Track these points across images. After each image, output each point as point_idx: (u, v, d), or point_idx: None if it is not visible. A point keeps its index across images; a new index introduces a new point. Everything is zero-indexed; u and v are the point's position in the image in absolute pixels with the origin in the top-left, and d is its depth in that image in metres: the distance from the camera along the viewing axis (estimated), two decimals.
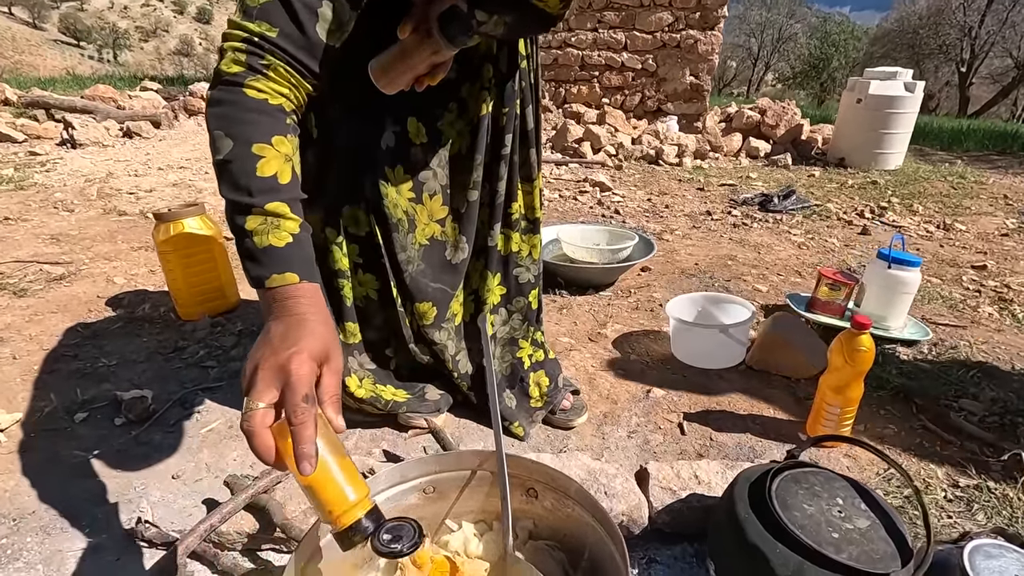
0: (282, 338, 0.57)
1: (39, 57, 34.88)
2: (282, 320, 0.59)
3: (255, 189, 0.63)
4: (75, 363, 1.48)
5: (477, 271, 1.15)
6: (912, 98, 4.37)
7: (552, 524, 0.72)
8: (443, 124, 1.00)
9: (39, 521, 0.97)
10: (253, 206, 0.63)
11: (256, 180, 0.63)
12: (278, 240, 0.63)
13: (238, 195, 0.63)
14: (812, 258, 2.48)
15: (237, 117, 0.65)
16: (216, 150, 0.64)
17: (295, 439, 0.52)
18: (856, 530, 0.74)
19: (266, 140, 0.65)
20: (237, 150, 0.63)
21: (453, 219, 1.08)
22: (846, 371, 1.12)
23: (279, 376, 0.54)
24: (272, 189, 0.64)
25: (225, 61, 0.66)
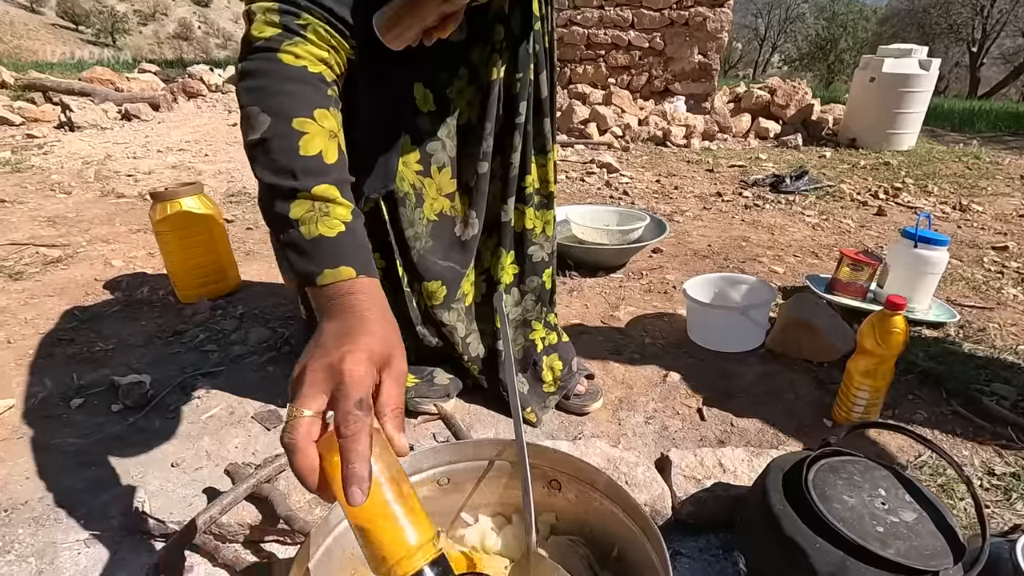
0: (336, 337, 0.48)
1: (38, 42, 34.52)
2: (337, 319, 0.50)
3: (299, 170, 0.54)
4: (71, 347, 1.43)
5: (489, 249, 1.09)
6: (927, 76, 4.25)
7: (576, 517, 0.67)
8: (452, 91, 0.94)
9: (32, 512, 0.92)
10: (298, 190, 0.54)
11: (300, 160, 0.55)
12: (329, 229, 0.53)
13: (280, 178, 0.54)
14: (828, 239, 2.41)
15: (274, 88, 0.56)
16: (251, 128, 0.56)
17: (344, 455, 0.42)
18: (902, 523, 0.69)
19: (308, 114, 0.56)
20: (276, 127, 0.55)
21: (462, 193, 1.02)
22: (877, 354, 1.07)
23: (330, 378, 0.45)
24: (318, 170, 0.55)
25: (256, 25, 0.58)
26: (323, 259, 0.53)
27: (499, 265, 1.08)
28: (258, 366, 1.36)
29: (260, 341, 1.46)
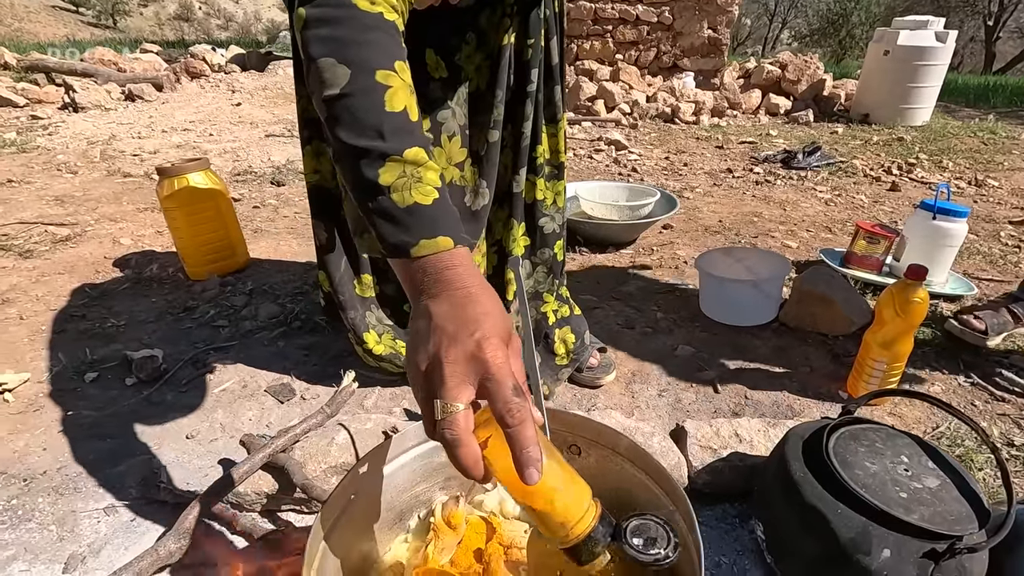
0: (457, 321, 0.45)
1: (38, 24, 34.28)
2: (444, 298, 0.47)
3: (388, 130, 0.49)
4: (83, 323, 1.43)
5: (500, 220, 1.08)
6: (943, 49, 4.15)
7: (598, 483, 0.64)
8: (460, 58, 0.91)
9: (50, 481, 0.93)
10: (388, 153, 0.48)
11: (387, 117, 0.49)
12: (424, 196, 0.49)
13: (366, 140, 0.48)
14: (841, 214, 2.37)
15: (352, 37, 0.50)
16: (325, 83, 0.49)
17: (516, 443, 0.42)
18: (926, 489, 0.68)
19: (390, 65, 0.50)
20: (358, 80, 0.49)
21: (472, 162, 1.00)
22: (897, 324, 1.05)
23: (474, 369, 0.43)
24: (406, 130, 0.50)
25: None
26: (419, 229, 0.48)
27: (511, 237, 1.07)
28: (269, 341, 1.36)
29: (270, 317, 1.45)
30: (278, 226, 2.15)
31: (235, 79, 5.54)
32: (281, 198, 2.48)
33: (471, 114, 0.98)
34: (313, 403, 1.15)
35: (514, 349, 0.48)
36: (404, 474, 0.65)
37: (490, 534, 0.64)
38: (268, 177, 2.77)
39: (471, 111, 0.98)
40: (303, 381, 1.22)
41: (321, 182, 1.02)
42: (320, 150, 1.00)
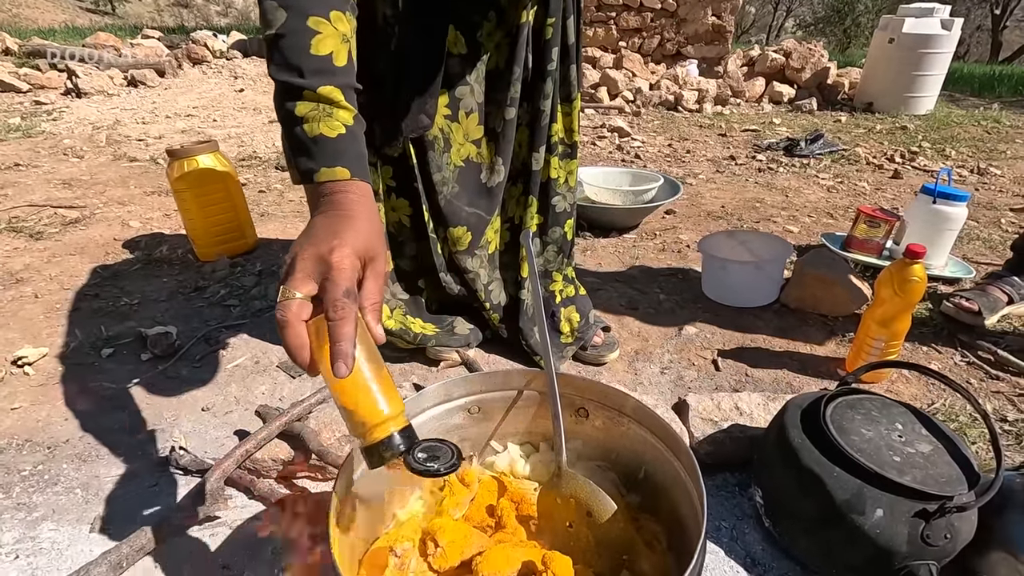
0: (325, 231, 0.51)
1: (36, 10, 34.04)
2: (326, 214, 0.53)
3: (307, 69, 0.56)
4: (97, 302, 1.46)
5: (514, 197, 1.10)
6: (949, 37, 4.13)
7: (603, 444, 0.69)
8: (481, 35, 0.93)
9: (73, 449, 0.96)
10: (304, 88, 0.55)
11: (309, 58, 0.56)
12: (330, 130, 0.55)
13: (288, 75, 0.56)
14: (843, 201, 2.39)
15: None
16: (267, 24, 0.57)
17: (332, 335, 0.47)
18: (919, 454, 0.71)
19: (323, 13, 0.57)
20: (291, 22, 0.56)
21: (489, 140, 1.02)
22: (895, 303, 1.07)
23: (319, 267, 0.49)
24: (325, 71, 0.56)
25: None
26: (322, 158, 0.55)
27: (528, 214, 1.09)
28: None
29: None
30: (284, 210, 2.17)
31: (237, 65, 5.52)
32: (286, 183, 2.50)
33: (488, 91, 1.00)
34: (321, 380, 1.17)
35: (375, 271, 0.53)
36: (420, 433, 0.68)
37: (501, 491, 0.67)
38: (273, 162, 2.79)
39: (488, 88, 1.00)
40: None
41: None
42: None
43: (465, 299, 1.15)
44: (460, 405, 0.70)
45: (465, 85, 0.95)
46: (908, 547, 0.66)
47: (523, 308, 1.14)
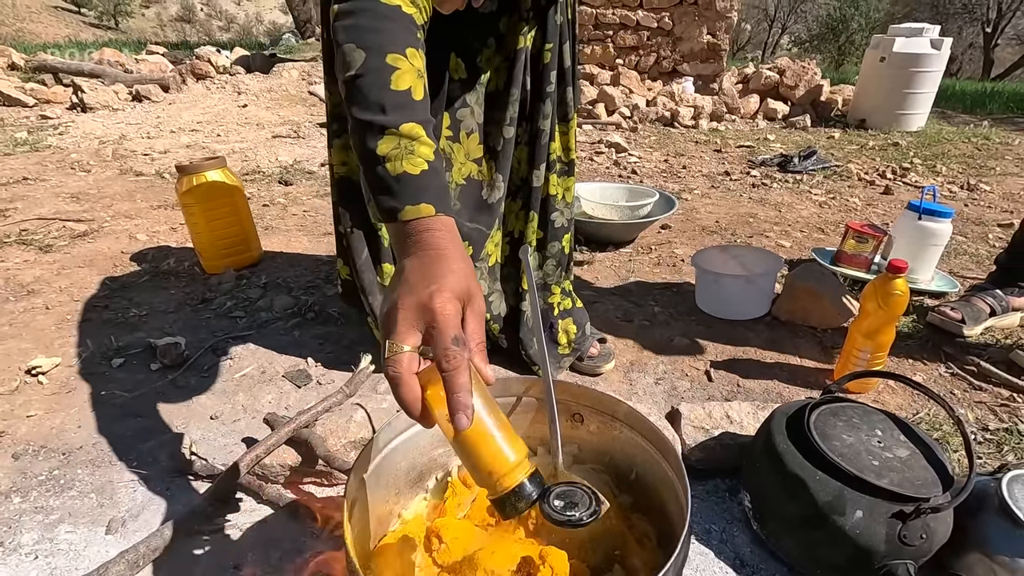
0: (420, 275, 0.51)
1: (40, 24, 34.39)
2: (418, 256, 0.53)
3: (389, 105, 0.56)
4: (106, 313, 1.50)
5: (513, 212, 1.15)
6: (938, 56, 4.23)
7: (597, 448, 0.73)
8: (481, 60, 0.99)
9: (87, 455, 0.99)
10: (387, 127, 0.56)
11: (390, 95, 0.57)
12: (413, 167, 0.55)
13: (370, 114, 0.56)
14: (834, 216, 2.44)
15: (370, 26, 0.59)
16: (347, 66, 0.58)
17: (449, 387, 0.47)
18: (896, 459, 0.75)
19: (400, 51, 0.58)
20: (370, 61, 0.57)
21: (489, 158, 1.07)
22: (879, 316, 1.12)
23: (422, 316, 0.49)
24: (407, 106, 0.57)
25: None
26: (406, 196, 0.55)
27: (529, 228, 1.14)
28: (285, 330, 1.43)
29: (285, 308, 1.52)
30: (288, 223, 2.22)
31: (240, 81, 5.61)
32: (289, 197, 2.55)
33: (488, 112, 1.05)
34: (329, 388, 1.21)
35: (475, 310, 0.53)
36: (426, 437, 0.72)
37: None
38: (276, 176, 2.84)
39: (488, 109, 1.05)
40: (319, 368, 1.28)
41: (348, 173, 1.08)
42: (348, 144, 1.06)
43: None
44: None
45: (466, 107, 1.00)
46: (887, 547, 0.70)
47: (522, 319, 1.19)
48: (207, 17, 42.74)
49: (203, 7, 44.98)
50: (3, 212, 2.19)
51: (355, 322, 1.46)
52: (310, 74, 5.82)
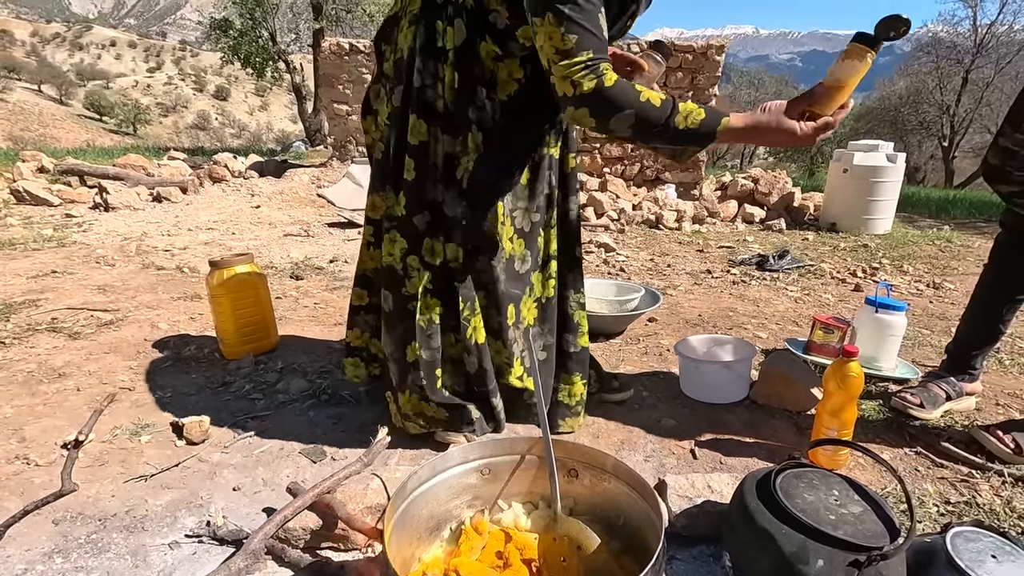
0: (766, 125, 1.02)
1: (62, 130, 36.61)
2: (755, 123, 1.02)
3: (661, 112, 0.99)
4: (133, 395, 1.61)
5: (539, 282, 1.37)
6: (895, 168, 4.67)
7: (591, 500, 0.84)
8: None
9: (121, 522, 1.08)
10: (671, 117, 0.97)
11: (653, 108, 0.99)
12: (699, 114, 1.00)
13: (662, 122, 0.98)
14: (808, 311, 2.63)
15: (633, 94, 0.98)
16: (660, 118, 0.99)
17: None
18: (851, 514, 0.86)
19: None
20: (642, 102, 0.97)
21: (519, 237, 1.29)
22: (840, 396, 1.26)
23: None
24: (664, 104, 0.99)
25: (586, 82, 0.94)
26: (712, 124, 1.01)
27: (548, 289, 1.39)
28: (301, 411, 1.54)
29: (301, 391, 1.64)
30: (300, 314, 2.37)
31: (254, 184, 6.02)
32: (300, 290, 2.73)
33: (518, 202, 1.28)
34: (342, 463, 1.31)
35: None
36: (444, 488, 0.82)
37: (507, 541, 0.80)
38: (288, 272, 3.04)
39: (519, 200, 1.28)
40: (332, 445, 1.38)
41: (392, 263, 1.25)
42: (394, 238, 1.23)
43: (477, 383, 1.33)
44: (475, 467, 0.86)
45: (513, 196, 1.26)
46: None
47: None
48: (220, 125, 45.32)
49: (217, 116, 47.79)
50: (34, 302, 2.34)
51: (366, 404, 1.58)
52: (319, 178, 6.25)
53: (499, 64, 1.11)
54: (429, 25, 1.09)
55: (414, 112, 1.12)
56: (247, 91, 62.74)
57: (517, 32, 1.08)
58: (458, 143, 1.14)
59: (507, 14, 1.06)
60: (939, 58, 15.35)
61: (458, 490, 0.84)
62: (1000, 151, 1.33)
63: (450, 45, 1.08)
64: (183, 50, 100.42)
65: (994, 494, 1.24)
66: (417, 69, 1.10)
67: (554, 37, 0.92)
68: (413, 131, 1.13)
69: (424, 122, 1.12)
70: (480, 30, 1.08)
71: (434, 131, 1.13)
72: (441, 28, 1.08)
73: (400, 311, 1.24)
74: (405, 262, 1.20)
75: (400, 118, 1.15)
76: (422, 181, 1.15)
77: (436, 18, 1.08)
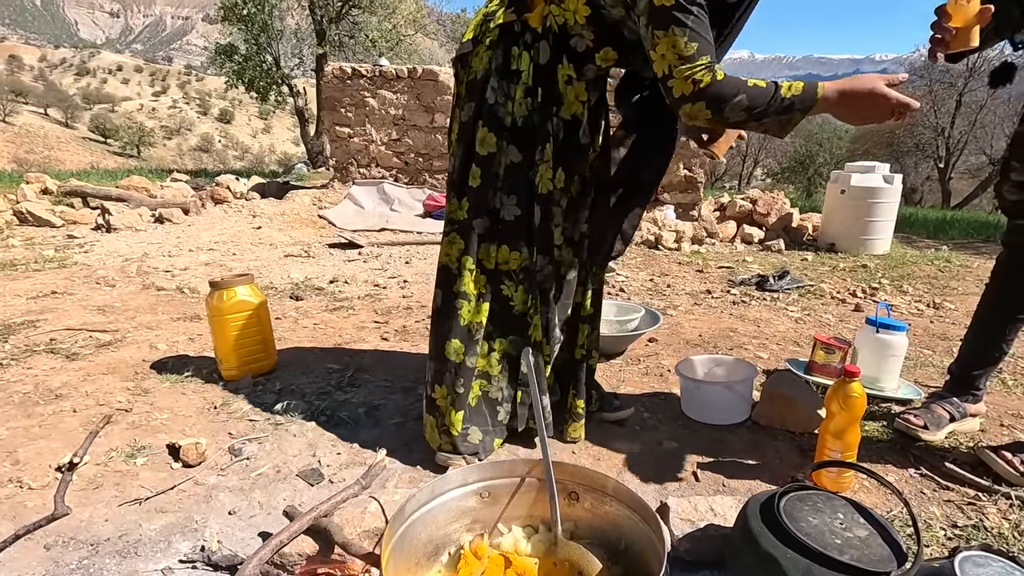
0: (856, 92, 1.04)
1: (66, 152, 37.01)
2: (845, 93, 1.04)
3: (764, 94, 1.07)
4: (130, 416, 1.59)
5: (579, 291, 1.43)
6: (891, 189, 4.70)
7: (591, 524, 0.82)
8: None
9: (114, 547, 1.06)
10: (779, 92, 1.05)
11: (758, 91, 1.06)
12: (797, 88, 1.06)
13: (767, 99, 1.06)
14: (809, 331, 2.63)
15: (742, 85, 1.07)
16: (756, 105, 1.06)
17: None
18: (856, 538, 0.85)
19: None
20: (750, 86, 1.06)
21: (567, 245, 1.36)
22: (842, 417, 1.24)
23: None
24: (767, 87, 1.07)
25: (704, 79, 1.04)
26: (811, 92, 1.05)
27: (587, 302, 1.46)
28: (299, 433, 1.52)
29: (299, 412, 1.62)
30: (299, 335, 2.37)
31: (256, 205, 6.05)
32: (300, 311, 2.72)
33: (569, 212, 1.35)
34: (340, 486, 1.29)
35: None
36: (443, 511, 0.81)
37: (507, 566, 0.78)
38: (287, 292, 3.04)
39: (570, 210, 1.35)
40: (330, 468, 1.37)
41: (448, 263, 1.34)
42: (453, 240, 1.32)
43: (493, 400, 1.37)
44: (474, 490, 0.84)
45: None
46: None
47: (581, 370, 1.49)
48: (223, 147, 45.78)
49: (221, 138, 48.35)
50: (33, 323, 2.34)
51: (365, 425, 1.56)
52: (320, 199, 6.29)
53: (568, 87, 1.23)
54: (506, 50, 1.22)
55: (484, 125, 1.24)
56: (251, 114, 63.57)
57: (597, 54, 1.21)
58: (536, 152, 1.25)
59: (592, 36, 1.19)
60: (932, 81, 15.56)
61: (457, 513, 0.83)
62: (1015, 186, 1.38)
63: (524, 67, 1.21)
64: (188, 74, 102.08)
65: (1002, 517, 1.23)
66: (491, 87, 1.23)
67: (677, 45, 1.04)
68: (483, 143, 1.25)
69: (494, 135, 1.23)
70: (560, 53, 1.20)
71: (501, 143, 1.24)
72: (516, 53, 1.21)
73: (447, 308, 1.31)
74: (460, 262, 1.28)
75: (470, 131, 1.27)
76: (485, 188, 1.26)
77: (513, 44, 1.21)
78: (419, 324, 2.53)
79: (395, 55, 13.84)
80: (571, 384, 1.48)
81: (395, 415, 1.64)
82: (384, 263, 3.92)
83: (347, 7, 13.85)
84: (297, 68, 14.96)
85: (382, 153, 6.36)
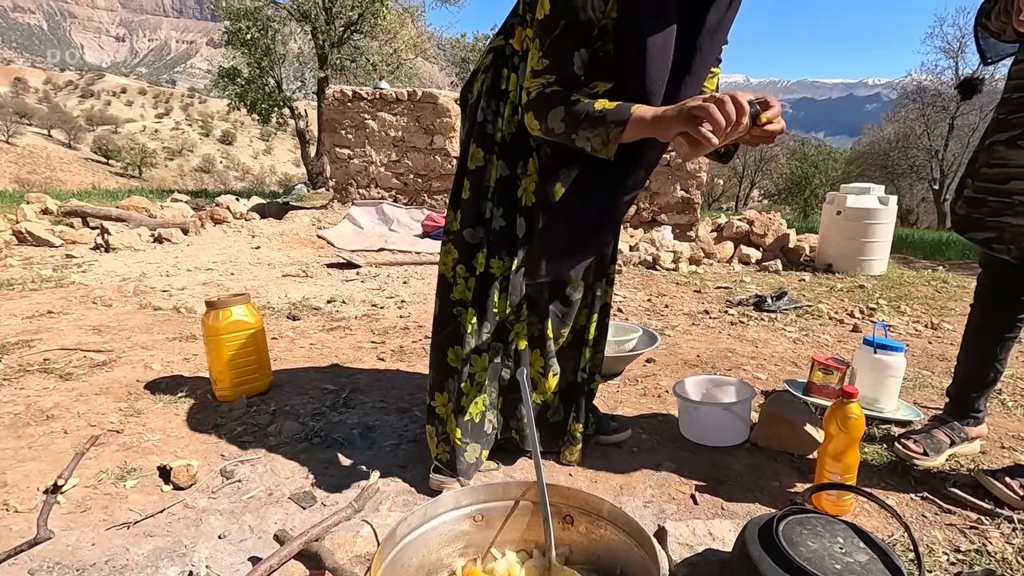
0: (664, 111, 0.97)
1: (68, 173, 37.24)
2: (656, 113, 0.98)
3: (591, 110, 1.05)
4: (122, 437, 1.57)
5: (582, 313, 1.46)
6: (887, 210, 4.73)
7: (586, 549, 0.81)
8: None
9: (100, 572, 1.03)
10: (591, 106, 1.03)
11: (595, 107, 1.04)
12: (609, 105, 1.03)
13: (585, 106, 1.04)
14: (807, 351, 2.62)
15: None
16: (561, 130, 1.06)
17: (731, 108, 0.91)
18: (856, 563, 0.83)
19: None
20: (580, 107, 1.05)
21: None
22: (841, 438, 1.23)
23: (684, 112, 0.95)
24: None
25: (534, 90, 1.07)
26: (622, 112, 1.01)
27: (592, 325, 1.47)
28: (292, 455, 1.50)
29: (292, 434, 1.61)
30: (295, 355, 2.35)
31: (255, 225, 6.07)
32: (297, 331, 2.71)
33: None
34: (332, 509, 1.27)
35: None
36: (435, 535, 0.80)
37: None
38: (285, 312, 3.03)
39: None
40: (323, 490, 1.35)
41: (444, 272, 1.36)
42: (449, 250, 1.36)
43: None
44: (467, 513, 0.83)
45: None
46: None
47: (581, 391, 1.49)
48: (224, 168, 46.07)
49: (222, 159, 48.71)
50: (28, 343, 2.33)
51: (359, 447, 1.54)
52: (319, 220, 6.32)
53: None
54: (496, 72, 1.28)
55: (475, 142, 1.30)
56: (252, 135, 64.20)
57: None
58: (518, 167, 1.29)
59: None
60: (925, 105, 15.79)
61: (450, 537, 0.81)
62: (967, 201, 1.40)
63: (511, 87, 1.25)
64: (191, 96, 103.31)
65: (1005, 541, 1.21)
66: (481, 108, 1.29)
67: (534, 58, 1.08)
68: (472, 158, 1.30)
69: (482, 150, 1.29)
70: None
71: (490, 158, 1.29)
72: (505, 74, 1.26)
73: (446, 316, 1.34)
74: (455, 271, 1.32)
75: (464, 149, 1.33)
76: (474, 200, 1.31)
77: (503, 66, 1.27)
78: (416, 344, 2.52)
79: (395, 78, 14.06)
80: (572, 407, 1.48)
81: (390, 437, 1.62)
82: (382, 283, 3.92)
83: (349, 32, 14.10)
84: (299, 91, 15.17)
85: (381, 174, 6.40)
